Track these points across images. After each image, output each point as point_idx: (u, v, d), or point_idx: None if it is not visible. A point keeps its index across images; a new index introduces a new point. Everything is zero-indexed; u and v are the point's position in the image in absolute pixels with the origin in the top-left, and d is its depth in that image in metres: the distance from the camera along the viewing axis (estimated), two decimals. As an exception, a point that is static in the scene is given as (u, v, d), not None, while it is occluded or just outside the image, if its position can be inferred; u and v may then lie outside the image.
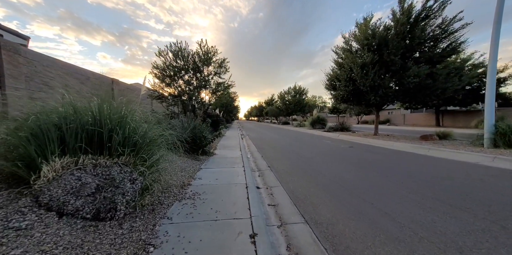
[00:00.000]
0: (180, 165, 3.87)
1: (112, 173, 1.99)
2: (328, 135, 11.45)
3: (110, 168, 2.03)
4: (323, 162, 4.79)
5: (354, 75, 7.43)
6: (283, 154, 5.96)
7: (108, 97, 2.46)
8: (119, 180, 1.96)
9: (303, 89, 26.71)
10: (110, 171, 1.99)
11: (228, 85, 7.29)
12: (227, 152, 6.23)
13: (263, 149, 7.05)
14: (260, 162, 5.17)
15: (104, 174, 1.94)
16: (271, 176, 3.76)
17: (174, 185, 2.81)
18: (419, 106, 15.50)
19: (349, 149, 6.40)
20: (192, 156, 4.89)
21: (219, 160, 4.94)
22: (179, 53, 5.70)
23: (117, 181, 1.95)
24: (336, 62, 8.55)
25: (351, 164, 4.50)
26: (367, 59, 6.99)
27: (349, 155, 5.47)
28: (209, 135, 5.84)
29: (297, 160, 5.06)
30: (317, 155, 5.61)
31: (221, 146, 7.46)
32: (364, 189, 2.86)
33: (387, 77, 6.68)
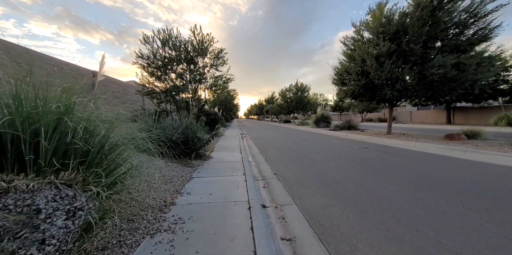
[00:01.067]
0: (166, 174, 3.15)
1: (37, 201, 1.26)
2: (334, 134, 10.72)
3: (36, 193, 1.30)
4: (339, 167, 4.06)
5: (367, 68, 6.67)
6: (289, 157, 5.24)
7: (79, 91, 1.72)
8: (46, 214, 1.23)
9: (305, 86, 25.90)
10: (34, 199, 1.27)
11: (227, 79, 6.52)
12: (226, 154, 5.51)
13: (265, 150, 6.33)
14: (264, 167, 4.45)
15: (21, 205, 1.21)
16: (279, 188, 3.04)
17: (152, 206, 2.09)
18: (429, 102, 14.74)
19: (364, 150, 5.67)
20: (184, 160, 4.17)
21: (216, 165, 4.22)
22: (169, 41, 4.93)
23: (43, 215, 1.22)
24: (346, 54, 7.78)
25: (375, 170, 3.78)
26: (382, 49, 6.22)
27: (368, 158, 4.75)
28: (205, 135, 5.11)
29: (307, 165, 4.34)
30: (329, 158, 4.89)
31: (219, 147, 6.74)
32: (414, 214, 2.12)
33: (406, 69, 5.92)
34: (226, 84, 6.77)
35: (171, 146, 4.34)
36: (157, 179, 2.87)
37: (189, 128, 4.08)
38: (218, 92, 7.00)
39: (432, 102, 14.15)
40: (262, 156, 5.68)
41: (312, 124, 16.19)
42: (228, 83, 6.67)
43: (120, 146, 1.84)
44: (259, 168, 4.39)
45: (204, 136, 5.18)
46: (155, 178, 2.89)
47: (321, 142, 7.86)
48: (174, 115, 6.43)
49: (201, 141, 4.39)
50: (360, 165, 4.15)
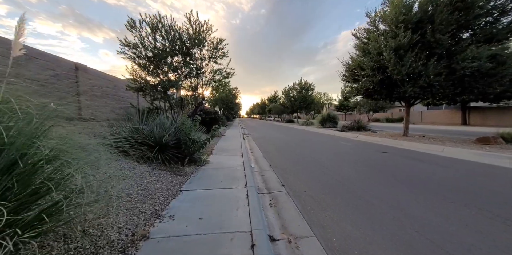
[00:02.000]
0: (149, 187, 2.54)
1: None
2: (343, 135, 10.02)
3: None
4: (360, 177, 3.40)
5: (384, 62, 5.96)
6: (297, 162, 4.59)
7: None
8: None
9: (310, 84, 25.14)
10: None
11: (227, 74, 5.88)
12: (225, 158, 4.89)
13: (270, 154, 5.69)
14: (269, 175, 3.81)
15: None
16: (290, 207, 2.40)
17: (111, 244, 1.46)
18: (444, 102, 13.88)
19: (383, 155, 4.99)
20: (175, 167, 3.56)
21: (213, 172, 3.59)
22: (160, 28, 4.28)
23: None
24: (359, 47, 7.07)
25: (405, 182, 3.11)
26: (403, 40, 5.51)
27: (391, 166, 4.07)
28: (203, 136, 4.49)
29: (320, 173, 3.68)
30: (344, 165, 4.22)
31: (219, 149, 6.13)
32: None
33: (431, 62, 5.20)
34: (227, 79, 6.12)
35: (161, 150, 3.74)
36: (134, 194, 2.26)
37: (181, 128, 3.45)
38: (218, 88, 6.36)
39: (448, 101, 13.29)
40: (266, 160, 5.04)
41: (318, 124, 15.48)
42: (228, 78, 6.03)
43: (53, 160, 1.21)
44: (263, 177, 3.75)
45: (200, 137, 4.57)
46: (132, 193, 2.27)
47: (330, 144, 7.18)
48: (169, 114, 5.83)
49: (195, 144, 3.77)
50: (385, 175, 3.48)
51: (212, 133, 3.64)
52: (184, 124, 3.35)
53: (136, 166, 3.10)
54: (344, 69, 8.43)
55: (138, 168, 3.07)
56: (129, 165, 3.06)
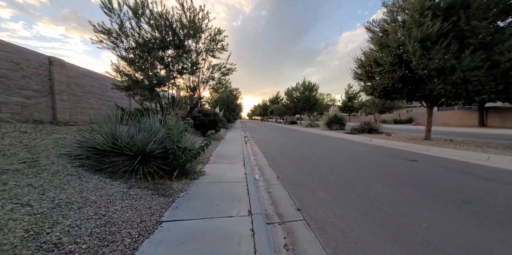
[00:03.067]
0: (114, 220, 1.80)
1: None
2: (354, 138, 9.24)
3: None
4: (400, 197, 2.64)
5: (407, 55, 5.22)
6: (311, 173, 3.84)
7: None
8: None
9: (313, 84, 24.40)
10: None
11: (227, 70, 5.18)
12: (224, 167, 4.16)
13: (276, 161, 4.95)
14: (278, 192, 3.07)
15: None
16: (315, 252, 1.65)
17: None
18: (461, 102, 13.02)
19: (416, 165, 4.22)
20: (161, 183, 2.83)
21: (207, 190, 2.86)
22: (147, 14, 3.58)
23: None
24: (375, 40, 6.34)
25: (470, 208, 2.34)
26: (430, 30, 4.77)
27: (431, 180, 3.30)
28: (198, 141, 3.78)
29: (343, 190, 2.92)
30: (371, 178, 3.46)
31: (218, 156, 5.41)
32: None
33: (466, 54, 4.46)
34: (227, 77, 5.42)
35: (143, 161, 3.02)
36: (85, 235, 1.53)
37: (168, 134, 2.73)
38: (218, 88, 5.66)
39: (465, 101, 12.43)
40: (272, 170, 4.31)
41: (324, 126, 14.71)
42: (229, 75, 5.33)
43: None
44: (271, 194, 3.00)
45: (195, 144, 3.85)
46: (82, 233, 1.54)
47: (344, 149, 6.42)
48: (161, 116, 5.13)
49: (187, 153, 3.04)
50: (430, 193, 2.71)
51: (207, 140, 2.91)
52: (170, 129, 2.63)
53: (106, 185, 2.38)
54: (356, 66, 7.70)
55: (109, 187, 2.34)
56: (97, 183, 2.34)
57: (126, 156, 2.89)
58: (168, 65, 4.38)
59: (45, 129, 3.28)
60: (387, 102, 24.40)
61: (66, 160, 2.63)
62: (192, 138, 4.38)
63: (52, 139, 3.13)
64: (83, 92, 5.11)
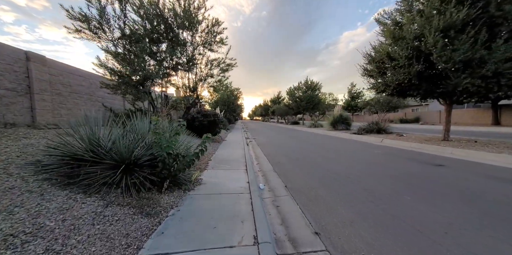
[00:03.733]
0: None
1: None
2: (362, 139, 8.72)
3: None
4: (451, 221, 2.13)
5: (427, 47, 4.72)
6: (324, 182, 3.34)
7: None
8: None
9: (316, 83, 23.88)
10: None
11: (227, 65, 4.71)
12: (225, 174, 3.69)
13: (281, 166, 4.46)
14: (288, 207, 2.58)
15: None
16: None
17: None
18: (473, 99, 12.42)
19: (444, 171, 3.70)
20: (147, 197, 2.35)
21: (203, 205, 2.38)
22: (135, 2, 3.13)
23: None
24: (388, 32, 5.83)
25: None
26: (455, 17, 4.26)
27: (482, 194, 2.78)
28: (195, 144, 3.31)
29: (372, 208, 2.42)
30: (394, 187, 2.95)
31: (217, 160, 4.94)
32: None
33: (498, 43, 3.94)
34: (226, 73, 4.95)
35: (128, 170, 2.56)
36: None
37: (154, 139, 2.26)
38: (217, 87, 5.20)
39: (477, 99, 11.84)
40: (278, 177, 3.82)
41: (328, 127, 14.19)
42: (228, 71, 4.86)
43: None
44: (280, 210, 2.51)
45: (190, 148, 3.38)
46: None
47: (355, 151, 5.91)
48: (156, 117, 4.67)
49: (180, 160, 2.57)
50: (481, 210, 2.20)
51: (202, 145, 2.43)
52: (157, 133, 2.15)
53: (76, 203, 1.91)
54: (366, 61, 7.19)
55: (79, 206, 1.87)
56: (64, 201, 1.88)
57: (106, 165, 2.42)
58: (160, 59, 3.92)
59: (16, 133, 2.84)
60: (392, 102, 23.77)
61: (30, 171, 2.18)
62: (188, 141, 3.91)
63: (21, 145, 2.68)
64: (69, 91, 4.67)
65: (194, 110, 9.59)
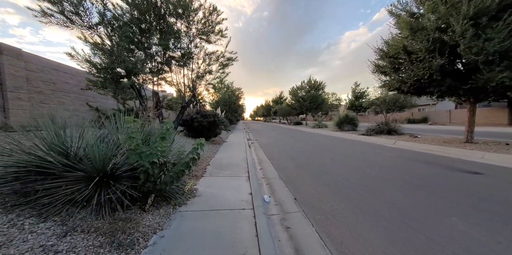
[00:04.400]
0: None
1: None
2: (373, 140, 8.15)
3: None
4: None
5: (453, 37, 4.17)
6: (341, 194, 2.82)
7: None
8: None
9: (320, 83, 23.28)
10: None
11: (227, 60, 4.23)
12: (223, 183, 3.20)
13: (288, 172, 3.95)
14: (302, 231, 2.07)
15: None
16: None
17: None
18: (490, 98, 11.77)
19: (484, 181, 3.16)
20: (125, 218, 1.87)
21: (196, 228, 1.87)
22: None
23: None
24: (404, 23, 5.29)
25: None
26: (489, 2, 3.71)
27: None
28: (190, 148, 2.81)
29: (410, 232, 1.90)
30: (436, 204, 2.43)
31: (217, 164, 4.47)
32: None
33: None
34: (226, 69, 4.46)
35: (103, 183, 2.08)
36: None
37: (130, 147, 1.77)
38: (216, 83, 4.72)
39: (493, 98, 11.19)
40: (284, 186, 3.32)
41: (334, 127, 13.62)
42: (228, 66, 4.37)
43: None
44: (291, 234, 2.00)
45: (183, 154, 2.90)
46: None
47: (368, 154, 5.37)
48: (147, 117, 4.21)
49: (169, 169, 2.08)
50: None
51: (193, 153, 1.94)
52: (132, 138, 1.67)
53: (22, 231, 1.43)
54: (377, 57, 6.65)
55: (23, 237, 1.39)
56: (4, 230, 1.39)
57: (74, 177, 1.95)
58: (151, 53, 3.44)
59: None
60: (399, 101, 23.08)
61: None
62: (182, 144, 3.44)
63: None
64: (53, 90, 4.24)
65: (193, 110, 9.13)
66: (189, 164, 1.93)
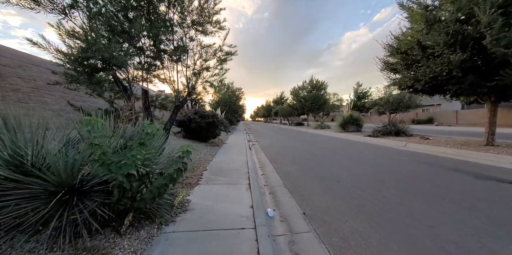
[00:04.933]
0: None
1: None
2: (381, 142, 7.72)
3: None
4: None
5: (479, 29, 3.75)
6: (356, 208, 2.39)
7: None
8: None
9: (322, 83, 22.86)
10: None
11: (225, 54, 3.83)
12: (221, 193, 2.78)
13: (293, 179, 3.53)
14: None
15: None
16: None
17: None
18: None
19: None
20: (93, 246, 1.46)
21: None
22: None
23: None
24: (419, 16, 4.86)
25: None
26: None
27: None
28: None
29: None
30: (483, 225, 1.99)
31: (214, 169, 4.07)
32: None
33: None
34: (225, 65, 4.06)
35: (70, 199, 1.68)
36: None
37: (95, 157, 1.36)
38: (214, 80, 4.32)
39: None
40: (290, 196, 2.91)
41: (337, 128, 13.19)
42: (227, 61, 3.97)
43: None
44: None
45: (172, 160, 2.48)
46: None
47: (377, 158, 4.94)
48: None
49: (153, 181, 1.67)
50: None
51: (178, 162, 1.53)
52: (95, 145, 1.26)
53: None
54: (387, 53, 6.24)
55: None
56: None
57: (30, 193, 1.55)
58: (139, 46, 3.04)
59: None
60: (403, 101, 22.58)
61: None
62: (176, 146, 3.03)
63: None
64: (32, 87, 3.85)
65: (191, 110, 8.73)
66: (173, 176, 1.52)
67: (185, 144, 6.76)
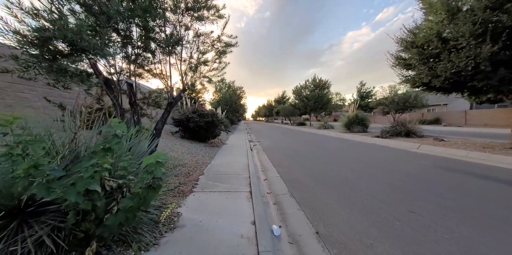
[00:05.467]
0: None
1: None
2: (391, 144, 7.24)
3: None
4: None
5: (509, 18, 3.27)
6: (379, 226, 1.94)
7: None
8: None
9: (325, 81, 22.34)
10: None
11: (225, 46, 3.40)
12: (218, 204, 2.34)
13: (300, 186, 3.09)
14: None
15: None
16: None
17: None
18: None
19: None
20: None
21: None
22: None
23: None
24: (440, 4, 4.38)
25: None
26: None
27: None
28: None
29: None
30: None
31: (212, 174, 3.64)
32: None
33: None
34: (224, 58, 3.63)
35: (16, 222, 1.27)
36: None
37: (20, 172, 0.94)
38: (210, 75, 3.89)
39: None
40: (299, 209, 2.48)
41: (342, 128, 12.72)
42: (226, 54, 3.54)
43: None
44: None
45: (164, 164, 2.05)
46: None
47: (391, 162, 4.49)
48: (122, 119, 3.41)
49: (128, 197, 1.25)
50: None
51: (144, 179, 1.10)
52: (11, 156, 0.84)
53: None
54: (400, 48, 5.77)
55: None
56: None
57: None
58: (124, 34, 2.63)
59: None
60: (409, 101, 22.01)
61: None
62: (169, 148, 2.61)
63: None
64: (10, 82, 3.46)
65: (189, 109, 8.33)
66: (142, 196, 1.08)
67: (183, 144, 6.35)
